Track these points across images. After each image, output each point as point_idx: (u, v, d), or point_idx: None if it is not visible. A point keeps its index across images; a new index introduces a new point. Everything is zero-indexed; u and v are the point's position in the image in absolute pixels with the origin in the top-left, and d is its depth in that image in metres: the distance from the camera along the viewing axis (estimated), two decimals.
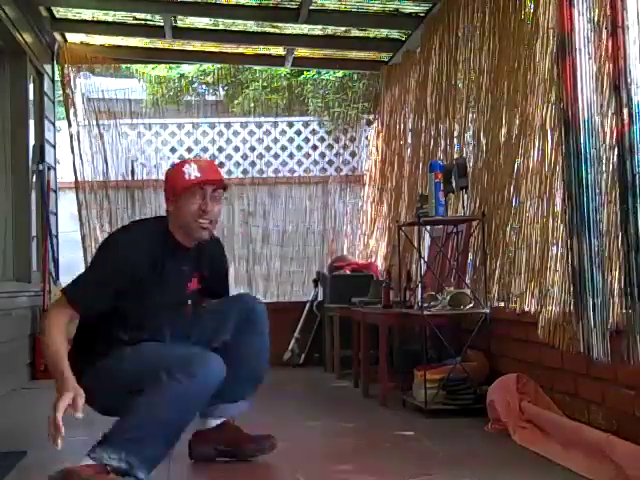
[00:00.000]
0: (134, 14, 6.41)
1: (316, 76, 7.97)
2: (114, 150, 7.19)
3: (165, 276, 2.97)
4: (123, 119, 7.27)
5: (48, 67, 6.71)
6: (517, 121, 4.08)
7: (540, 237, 3.70)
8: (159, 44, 7.05)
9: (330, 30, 6.60)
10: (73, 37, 6.91)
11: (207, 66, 8.08)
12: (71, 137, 7.00)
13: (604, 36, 3.00)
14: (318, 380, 5.89)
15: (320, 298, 6.75)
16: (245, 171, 7.74)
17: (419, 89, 5.98)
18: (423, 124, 5.79)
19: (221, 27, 6.65)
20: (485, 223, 4.32)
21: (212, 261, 3.23)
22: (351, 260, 6.84)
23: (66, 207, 7.24)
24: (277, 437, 3.70)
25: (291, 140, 7.83)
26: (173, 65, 8.24)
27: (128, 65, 7.59)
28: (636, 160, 2.76)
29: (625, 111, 2.77)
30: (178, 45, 7.07)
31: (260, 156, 7.77)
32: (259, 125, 7.83)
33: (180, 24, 6.55)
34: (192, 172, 2.95)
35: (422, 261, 4.61)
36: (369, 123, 7.72)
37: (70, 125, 7.01)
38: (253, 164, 7.76)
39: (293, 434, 3.79)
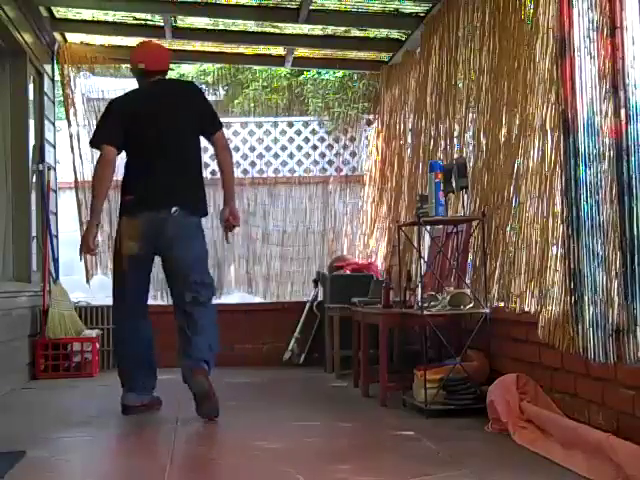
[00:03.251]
0: (134, 14, 6.41)
1: (316, 76, 7.96)
2: None
3: None
4: None
5: (48, 67, 6.71)
6: (517, 121, 4.07)
7: (540, 237, 3.70)
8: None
9: (330, 30, 6.60)
10: (73, 37, 6.91)
11: (207, 66, 8.07)
12: (71, 137, 6.99)
13: (603, 36, 2.99)
14: (318, 380, 5.89)
15: (320, 298, 6.75)
16: (245, 171, 7.73)
17: (419, 89, 5.98)
18: (423, 124, 5.79)
19: (221, 27, 6.65)
20: (485, 223, 4.32)
21: None
22: (351, 260, 6.84)
23: (66, 207, 7.23)
24: (277, 437, 3.72)
25: (291, 140, 7.83)
26: (173, 65, 8.22)
27: (128, 65, 7.58)
28: (634, 160, 2.76)
29: (623, 111, 2.77)
30: (178, 45, 7.07)
31: (260, 156, 7.76)
32: (259, 125, 7.82)
33: (180, 24, 6.55)
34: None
35: (422, 261, 4.61)
36: (369, 123, 7.72)
37: (70, 125, 7.01)
38: (253, 164, 7.75)
39: (293, 434, 3.80)
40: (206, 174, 7.58)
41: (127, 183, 4.46)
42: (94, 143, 4.63)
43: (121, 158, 4.56)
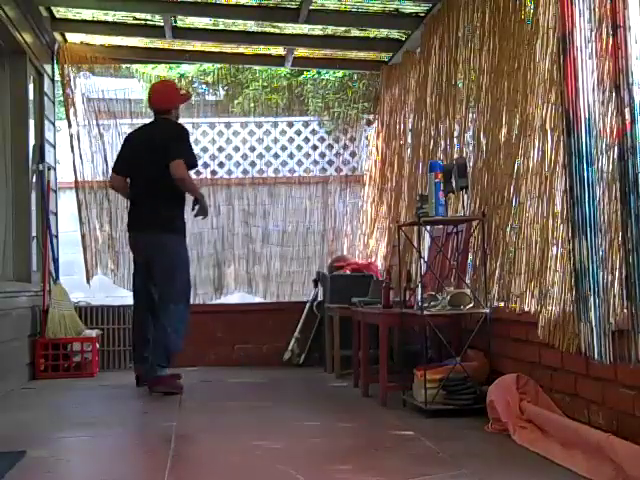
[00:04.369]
0: (134, 14, 6.41)
1: (316, 76, 7.96)
2: (114, 150, 7.16)
3: None
4: (123, 119, 7.26)
5: (48, 67, 6.70)
6: (517, 121, 4.07)
7: (540, 237, 3.70)
8: (159, 44, 7.06)
9: (330, 30, 6.60)
10: (73, 37, 6.91)
11: (207, 66, 8.07)
12: (71, 137, 6.99)
13: (605, 35, 2.99)
14: (318, 380, 5.89)
15: (320, 298, 6.75)
16: (245, 171, 7.73)
17: (419, 89, 5.98)
18: (423, 124, 5.79)
19: (221, 27, 6.65)
20: (485, 223, 4.32)
21: None
22: (351, 260, 6.84)
23: (66, 207, 7.23)
24: (277, 437, 3.72)
25: (291, 140, 7.83)
26: (173, 65, 8.24)
27: (128, 65, 7.59)
28: (637, 159, 2.75)
29: (627, 110, 2.77)
30: (178, 45, 7.07)
31: (260, 156, 7.76)
32: (259, 125, 7.82)
33: (180, 24, 6.55)
34: (180, 91, 5.81)
35: (422, 261, 4.61)
36: (369, 123, 7.72)
37: (70, 125, 7.00)
38: (253, 164, 7.75)
39: (293, 434, 3.80)
40: (206, 174, 7.63)
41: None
42: None
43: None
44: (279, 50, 7.14)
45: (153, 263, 5.30)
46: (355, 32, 6.59)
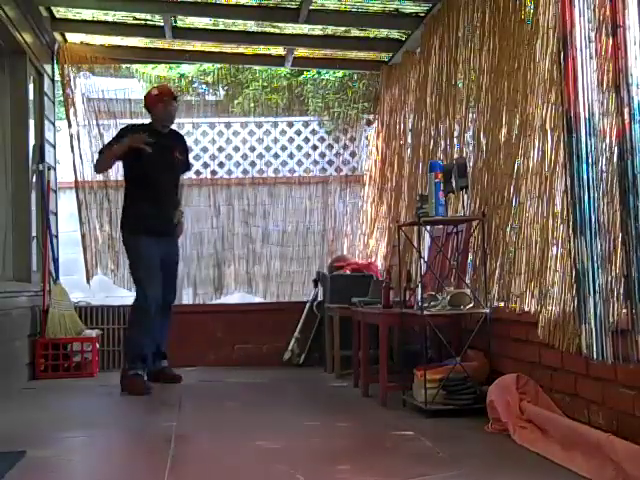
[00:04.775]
0: (134, 14, 6.41)
1: (316, 76, 7.96)
2: None
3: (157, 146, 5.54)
4: (123, 119, 7.25)
5: (48, 67, 6.70)
6: (517, 121, 4.07)
7: (540, 237, 3.70)
8: (159, 44, 7.06)
9: (330, 30, 6.60)
10: (73, 37, 6.91)
11: (207, 66, 8.07)
12: (71, 137, 6.99)
13: (605, 35, 2.99)
14: (318, 380, 5.89)
15: (320, 298, 6.75)
16: (245, 171, 7.73)
17: (419, 89, 5.98)
18: (423, 124, 5.79)
19: (221, 27, 6.65)
20: (485, 223, 4.32)
21: (182, 144, 5.99)
22: (351, 260, 6.84)
23: (66, 207, 7.23)
24: (277, 437, 3.72)
25: (291, 140, 7.83)
26: (173, 65, 8.24)
27: (128, 65, 7.58)
28: (637, 160, 2.75)
29: (626, 111, 2.77)
30: (178, 45, 7.07)
31: (260, 156, 7.76)
32: (259, 125, 7.82)
33: (180, 24, 6.55)
34: (154, 92, 5.83)
35: (422, 261, 4.61)
36: (369, 123, 7.72)
37: (70, 125, 7.00)
38: (253, 164, 7.75)
39: (293, 434, 3.80)
40: (206, 174, 7.64)
41: None
42: None
43: None
44: (279, 50, 7.14)
45: None
46: (355, 32, 6.59)
